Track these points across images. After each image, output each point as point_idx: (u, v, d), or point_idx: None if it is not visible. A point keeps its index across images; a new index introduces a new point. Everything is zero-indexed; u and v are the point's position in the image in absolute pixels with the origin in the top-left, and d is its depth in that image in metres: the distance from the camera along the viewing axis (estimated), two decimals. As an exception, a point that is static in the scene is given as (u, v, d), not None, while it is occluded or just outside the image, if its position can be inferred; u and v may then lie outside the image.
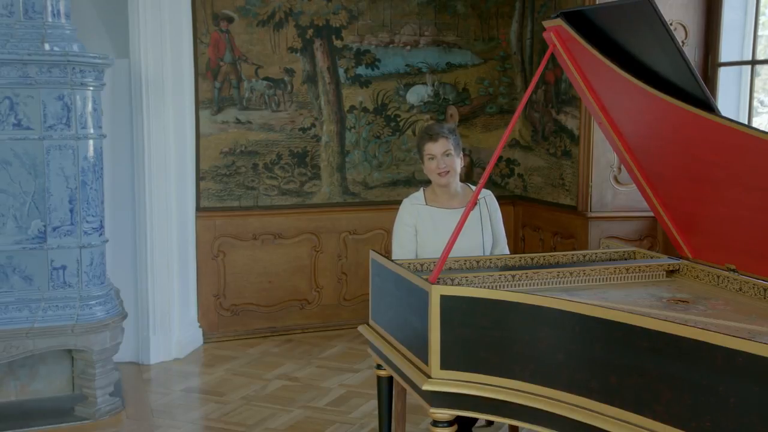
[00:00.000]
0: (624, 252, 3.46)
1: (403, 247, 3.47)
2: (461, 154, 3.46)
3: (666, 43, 2.55)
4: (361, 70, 5.72)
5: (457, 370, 2.60)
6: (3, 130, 3.91)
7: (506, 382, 2.53)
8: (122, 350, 4.45)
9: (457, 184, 3.47)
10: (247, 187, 5.52)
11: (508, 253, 3.57)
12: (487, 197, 3.54)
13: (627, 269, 3.15)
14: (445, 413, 2.63)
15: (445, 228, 3.28)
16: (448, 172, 3.38)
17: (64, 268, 4.04)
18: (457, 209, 3.38)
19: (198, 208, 5.41)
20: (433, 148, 3.37)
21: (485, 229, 3.45)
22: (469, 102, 6.02)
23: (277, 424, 4.08)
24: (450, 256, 3.05)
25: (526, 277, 3.05)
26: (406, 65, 5.83)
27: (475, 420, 3.46)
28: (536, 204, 5.88)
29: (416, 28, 5.83)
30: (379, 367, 3.21)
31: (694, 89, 2.57)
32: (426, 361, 2.64)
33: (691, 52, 4.98)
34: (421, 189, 3.55)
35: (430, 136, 3.40)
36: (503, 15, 6.01)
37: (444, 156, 3.36)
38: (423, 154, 3.42)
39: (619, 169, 5.04)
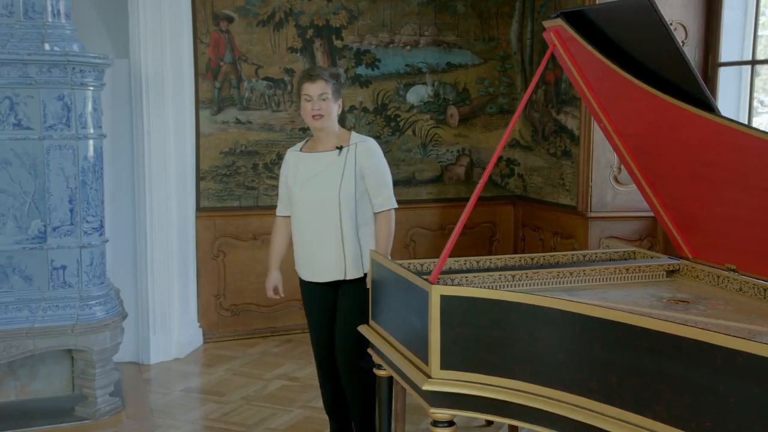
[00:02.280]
0: (624, 252, 3.46)
1: (278, 195, 3.54)
2: (340, 101, 3.36)
3: (666, 43, 2.55)
4: (361, 70, 5.72)
5: (457, 370, 2.60)
6: (3, 130, 3.91)
7: (506, 382, 2.53)
8: (122, 350, 4.45)
9: (332, 130, 3.36)
10: (247, 187, 5.52)
11: (393, 205, 3.43)
12: (360, 144, 3.38)
13: (627, 269, 3.15)
14: (445, 413, 2.63)
15: (305, 171, 3.35)
16: (322, 116, 3.28)
17: (64, 268, 4.04)
18: (320, 152, 3.35)
19: (198, 208, 5.41)
20: (310, 88, 3.27)
21: (347, 177, 3.31)
22: (469, 102, 6.02)
23: (277, 424, 4.08)
24: (302, 197, 3.32)
25: (526, 277, 3.05)
26: (406, 65, 5.83)
27: None
28: (536, 204, 5.88)
29: (416, 28, 5.83)
30: (379, 367, 3.21)
31: (694, 89, 2.57)
32: (426, 361, 2.64)
33: (691, 52, 4.97)
34: (307, 138, 3.54)
35: (310, 76, 3.29)
36: (503, 15, 6.01)
37: (319, 99, 3.26)
38: (300, 94, 3.33)
39: (619, 169, 5.04)
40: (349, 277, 3.37)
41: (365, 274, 3.37)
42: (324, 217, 3.32)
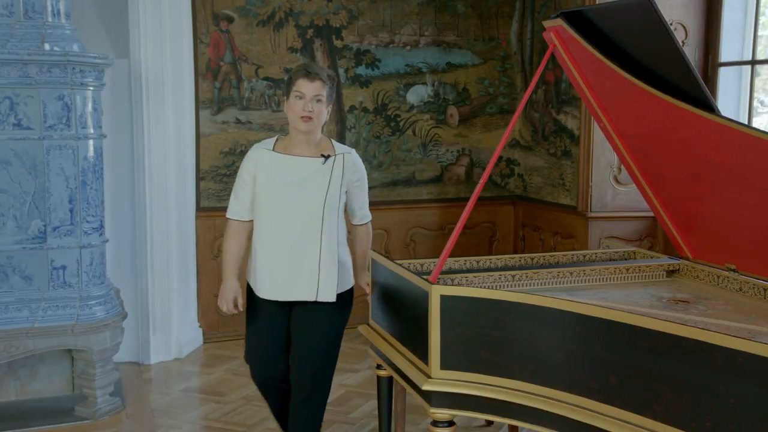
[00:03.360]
0: (624, 252, 3.46)
1: (237, 196, 3.10)
2: (330, 107, 3.05)
3: (666, 43, 2.55)
4: (361, 70, 5.72)
5: (457, 370, 2.60)
6: (3, 130, 3.91)
7: (506, 382, 2.53)
8: (122, 350, 4.45)
9: (317, 135, 3.05)
10: (247, 187, 5.51)
11: (370, 218, 3.24)
12: (347, 155, 3.08)
13: (627, 269, 3.15)
14: (445, 413, 2.63)
15: (284, 174, 3.00)
16: (311, 119, 2.95)
17: (64, 268, 4.04)
18: (305, 157, 3.01)
19: (198, 208, 5.41)
20: (306, 87, 2.94)
21: (332, 189, 3.00)
22: (469, 102, 6.02)
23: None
24: (280, 204, 2.97)
25: (526, 277, 3.05)
26: (406, 65, 5.83)
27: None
28: (536, 204, 5.88)
29: (416, 28, 5.83)
30: (379, 367, 3.21)
31: (694, 89, 2.57)
32: (426, 361, 2.64)
33: (691, 52, 4.97)
34: (277, 136, 3.16)
35: (308, 73, 2.95)
36: (503, 15, 6.01)
37: (314, 100, 2.94)
38: (291, 89, 2.98)
39: (619, 169, 5.04)
40: (320, 299, 3.02)
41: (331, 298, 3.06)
42: (303, 229, 2.99)
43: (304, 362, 3.12)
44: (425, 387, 2.61)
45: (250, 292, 3.20)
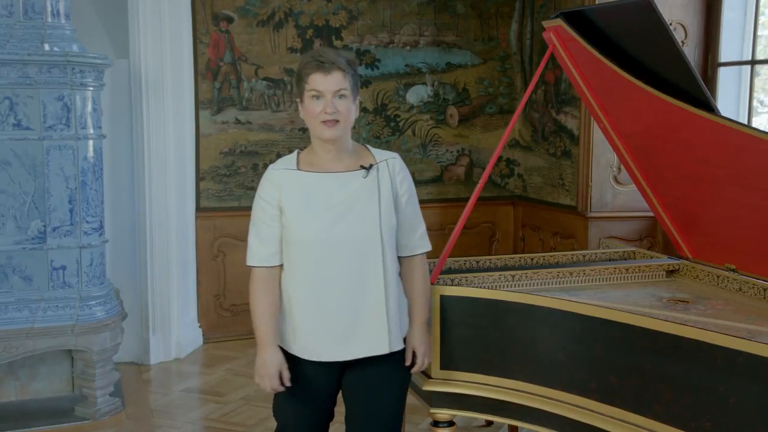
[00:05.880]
0: (624, 252, 3.47)
1: (260, 236, 2.39)
2: (358, 100, 2.36)
3: (666, 43, 2.55)
4: (360, 70, 5.72)
5: (457, 370, 2.60)
6: (3, 130, 3.91)
7: (506, 382, 2.53)
8: (122, 350, 4.45)
9: (348, 141, 2.38)
10: (247, 187, 5.52)
11: (428, 246, 2.48)
12: (390, 160, 2.43)
13: (627, 269, 3.15)
14: (445, 413, 2.63)
15: (324, 197, 2.31)
16: (338, 121, 2.27)
17: (63, 268, 4.04)
18: (342, 173, 2.34)
19: (198, 208, 5.41)
20: (322, 82, 2.25)
21: (385, 206, 2.34)
22: (469, 102, 6.02)
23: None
24: (326, 235, 2.29)
25: (526, 277, 3.05)
26: (406, 65, 5.83)
27: None
28: (536, 204, 5.88)
29: (416, 28, 5.83)
30: (379, 367, 3.20)
31: (694, 89, 2.57)
32: (426, 361, 2.64)
33: (691, 52, 4.97)
34: (296, 151, 2.44)
35: (320, 63, 2.26)
36: (503, 15, 6.01)
37: (336, 97, 2.26)
38: (304, 88, 2.29)
39: (619, 169, 5.04)
40: (393, 349, 2.34)
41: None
42: (359, 263, 2.30)
43: None
44: (425, 387, 2.61)
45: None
